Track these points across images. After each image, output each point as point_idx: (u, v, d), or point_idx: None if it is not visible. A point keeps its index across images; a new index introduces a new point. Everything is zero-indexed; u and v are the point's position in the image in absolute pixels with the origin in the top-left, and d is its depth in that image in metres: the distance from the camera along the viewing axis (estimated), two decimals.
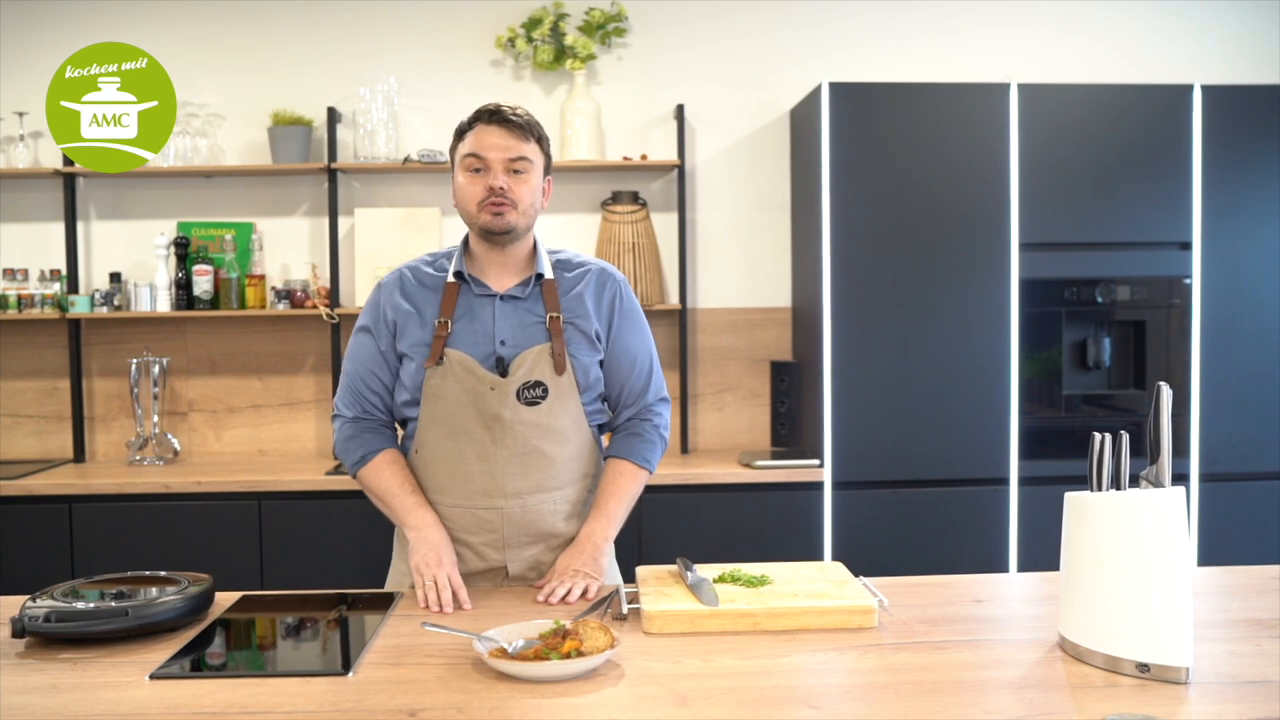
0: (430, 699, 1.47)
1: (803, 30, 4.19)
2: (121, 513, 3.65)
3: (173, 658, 1.66)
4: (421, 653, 1.67)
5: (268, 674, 1.62)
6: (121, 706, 1.47)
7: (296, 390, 4.19)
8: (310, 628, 1.89)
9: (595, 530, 2.08)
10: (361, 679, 1.57)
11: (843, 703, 1.48)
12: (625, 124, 4.19)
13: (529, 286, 2.09)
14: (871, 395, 3.72)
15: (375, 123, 4.03)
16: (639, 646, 1.69)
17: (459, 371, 2.03)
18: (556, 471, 2.08)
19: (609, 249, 4.05)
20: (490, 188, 2.00)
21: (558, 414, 2.06)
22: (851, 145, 3.69)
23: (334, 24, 4.14)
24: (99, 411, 4.18)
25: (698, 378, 4.23)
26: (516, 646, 1.61)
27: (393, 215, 4.10)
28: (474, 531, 2.07)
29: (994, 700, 1.46)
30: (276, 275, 4.18)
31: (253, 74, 4.13)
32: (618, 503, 2.11)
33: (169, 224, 4.12)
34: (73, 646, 1.71)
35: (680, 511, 3.69)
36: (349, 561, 3.57)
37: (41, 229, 4.14)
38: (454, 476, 2.06)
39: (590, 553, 2.04)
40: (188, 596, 1.82)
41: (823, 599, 1.82)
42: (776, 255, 4.23)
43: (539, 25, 4.04)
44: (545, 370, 2.04)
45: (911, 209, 3.70)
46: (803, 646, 1.69)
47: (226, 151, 4.15)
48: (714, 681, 1.54)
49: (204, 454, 4.18)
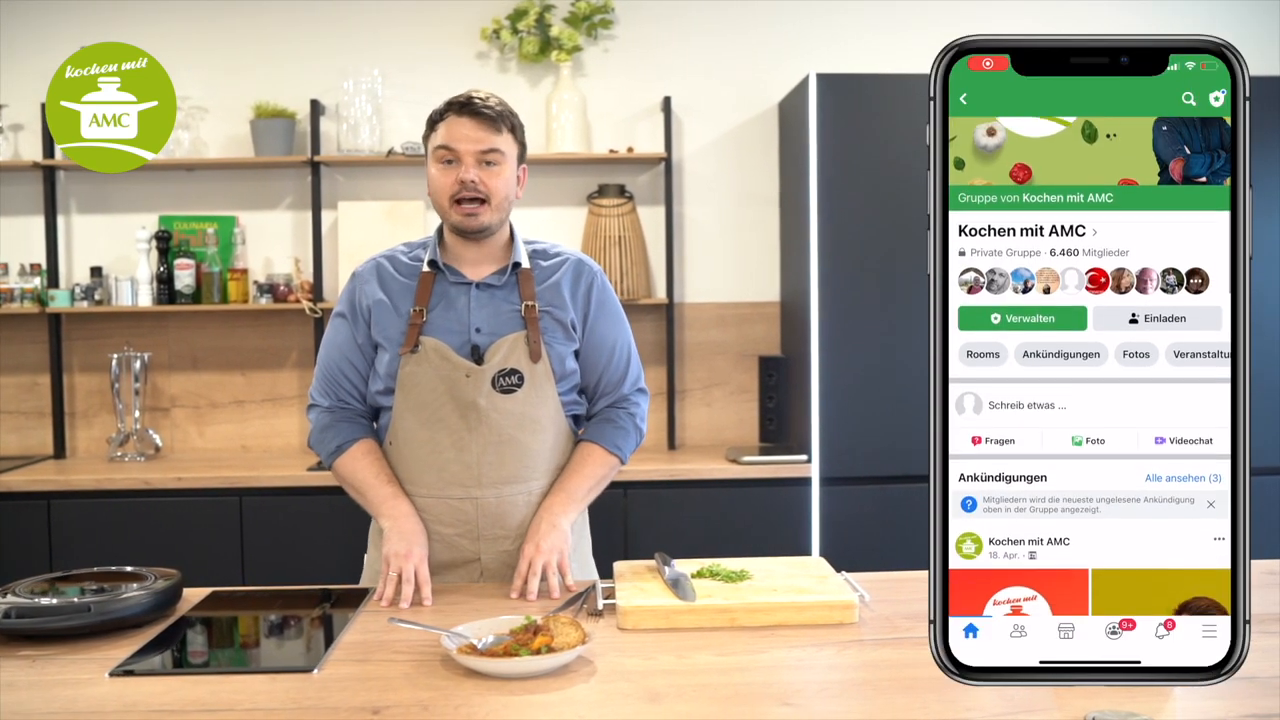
0: (395, 696, 1.44)
1: (791, 22, 4.15)
2: (101, 509, 3.60)
3: (134, 655, 1.62)
4: (389, 649, 1.63)
5: (231, 671, 1.59)
6: (78, 704, 1.43)
7: (280, 385, 4.15)
8: (278, 625, 1.86)
9: (554, 504, 2.03)
10: (326, 676, 1.53)
11: (820, 700, 1.44)
12: (611, 116, 4.15)
13: (505, 275, 2.07)
14: (860, 390, 3.69)
15: (359, 115, 3.99)
16: (612, 642, 1.65)
17: (434, 359, 2.00)
18: (532, 462, 2.05)
19: (595, 242, 4.01)
20: (461, 180, 1.98)
21: (534, 403, 2.03)
22: (840, 138, 3.65)
23: (317, 15, 4.09)
24: (79, 407, 4.13)
25: (685, 373, 4.19)
26: (486, 643, 1.57)
27: (376, 208, 4.06)
28: (448, 523, 2.04)
29: (975, 697, 1.42)
30: (259, 269, 4.13)
31: (235, 66, 4.08)
32: (579, 480, 2.07)
33: (150, 217, 4.08)
34: (34, 644, 1.66)
35: (667, 507, 3.65)
36: (331, 557, 3.53)
37: (21, 222, 4.09)
38: (428, 466, 2.03)
39: (546, 529, 1.99)
40: (153, 592, 1.77)
41: (802, 594, 1.78)
42: (764, 249, 4.20)
43: (524, 17, 4.00)
44: (521, 358, 2.01)
45: (901, 202, 3.66)
46: (781, 643, 1.65)
47: (208, 144, 4.10)
48: (687, 678, 1.50)
49: (186, 450, 4.14)
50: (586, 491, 2.08)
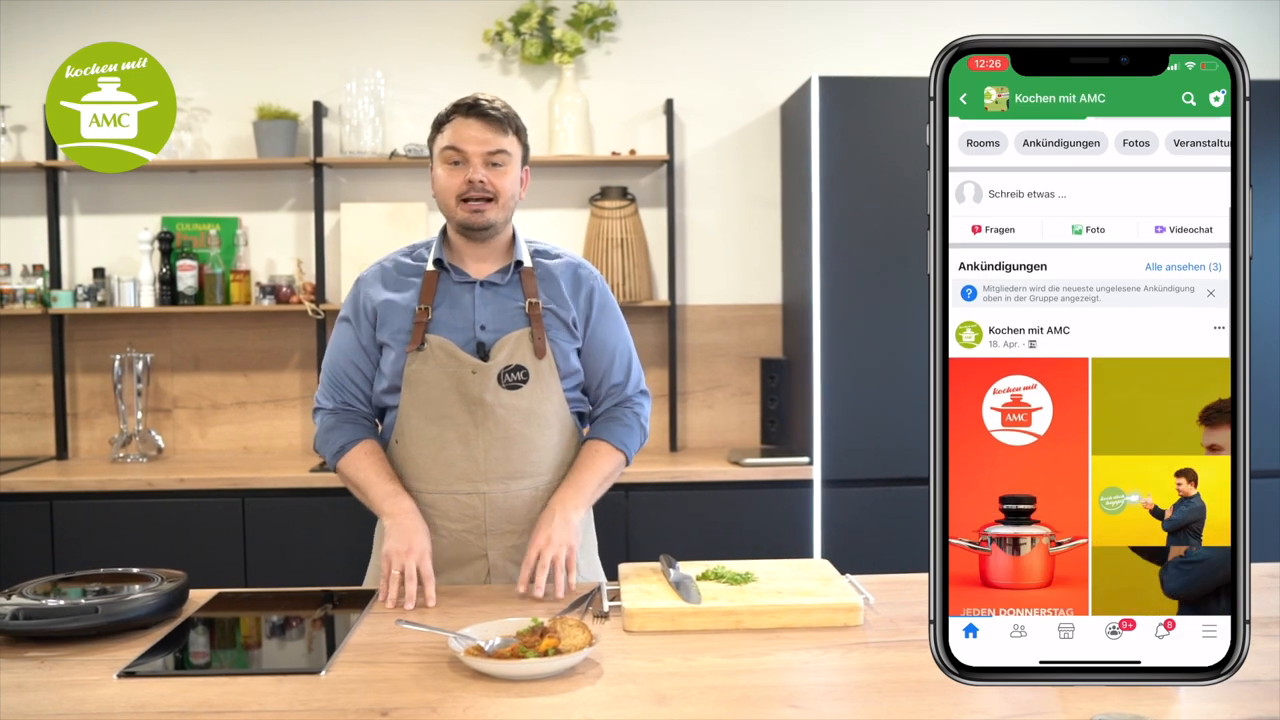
0: (403, 698, 1.44)
1: (793, 24, 4.15)
2: (104, 510, 3.61)
3: (142, 656, 1.62)
4: (396, 651, 1.64)
5: (238, 672, 1.59)
6: (87, 705, 1.44)
7: (282, 387, 4.15)
8: (285, 626, 1.86)
9: (565, 498, 2.04)
10: (334, 678, 1.53)
11: (825, 702, 1.45)
12: (614, 119, 4.15)
13: (508, 274, 2.09)
14: (862, 392, 3.69)
15: (361, 117, 3.99)
16: (619, 645, 1.66)
17: (440, 356, 2.02)
18: (539, 457, 2.06)
19: (597, 245, 4.01)
20: (469, 181, 2.00)
21: (539, 399, 2.05)
22: (842, 140, 3.66)
23: (320, 17, 4.10)
24: (82, 408, 4.13)
25: (687, 375, 4.20)
26: (493, 644, 1.58)
27: (379, 210, 4.06)
28: (455, 518, 2.05)
29: (980, 699, 1.43)
30: (262, 271, 4.14)
31: (238, 68, 4.09)
32: (589, 474, 2.08)
33: (153, 219, 4.08)
34: (42, 645, 1.67)
35: (669, 509, 3.66)
36: (334, 558, 3.54)
37: (24, 223, 4.09)
38: (436, 462, 2.05)
39: (558, 521, 1.98)
40: (160, 594, 1.78)
41: (807, 597, 1.79)
42: (766, 251, 4.20)
43: (527, 19, 4.01)
44: (526, 354, 2.04)
45: (903, 204, 3.67)
46: (786, 645, 1.66)
47: (211, 146, 4.11)
48: (694, 680, 1.51)
49: (188, 451, 4.14)
50: (596, 487, 2.09)
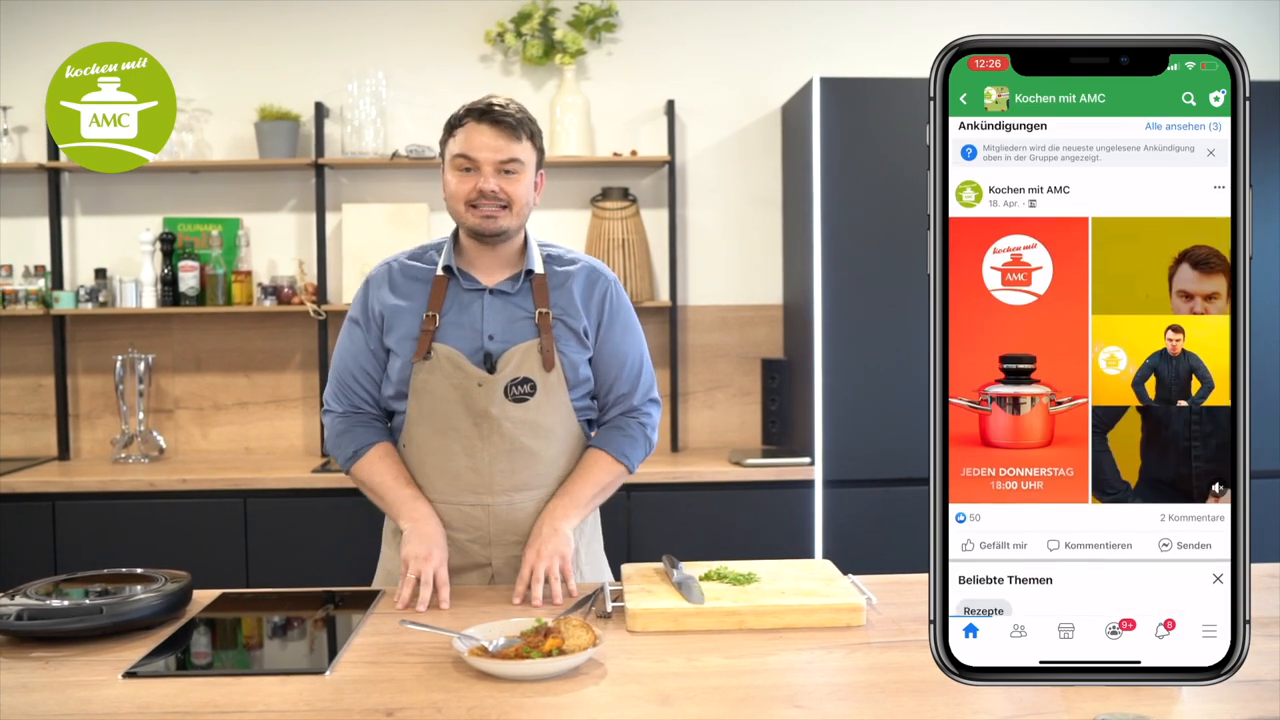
0: (408, 698, 1.45)
1: (794, 25, 4.16)
2: (106, 511, 3.61)
3: (147, 656, 1.63)
4: (401, 651, 1.64)
5: (243, 673, 1.60)
6: (92, 705, 1.44)
7: (283, 387, 4.16)
8: (289, 626, 1.87)
9: (555, 509, 2.02)
10: (339, 678, 1.54)
11: (829, 702, 1.45)
12: (615, 119, 4.16)
13: (519, 281, 2.05)
14: (863, 393, 3.70)
15: (363, 118, 3.99)
16: (622, 645, 1.66)
17: (446, 367, 2.00)
18: (544, 469, 2.05)
19: (598, 245, 4.02)
20: (480, 190, 1.96)
21: (546, 411, 2.03)
22: (843, 141, 3.67)
23: (321, 18, 4.10)
24: (84, 409, 4.14)
25: (688, 375, 4.20)
26: (497, 645, 1.58)
27: (380, 211, 4.06)
28: (460, 528, 2.04)
29: (983, 699, 1.43)
30: (263, 271, 4.14)
31: (239, 68, 4.09)
32: (584, 485, 2.05)
33: (155, 219, 4.08)
34: (46, 645, 1.67)
35: (670, 510, 3.66)
36: (336, 559, 3.54)
37: (26, 224, 4.10)
38: (441, 473, 2.03)
39: (547, 534, 1.97)
40: (164, 594, 1.78)
41: (810, 597, 1.79)
42: (767, 252, 4.21)
43: (528, 20, 4.01)
44: (533, 367, 2.01)
45: (904, 205, 3.67)
46: (789, 645, 1.66)
47: (213, 146, 4.11)
48: (697, 680, 1.51)
49: (190, 451, 4.14)
50: (590, 497, 2.07)
